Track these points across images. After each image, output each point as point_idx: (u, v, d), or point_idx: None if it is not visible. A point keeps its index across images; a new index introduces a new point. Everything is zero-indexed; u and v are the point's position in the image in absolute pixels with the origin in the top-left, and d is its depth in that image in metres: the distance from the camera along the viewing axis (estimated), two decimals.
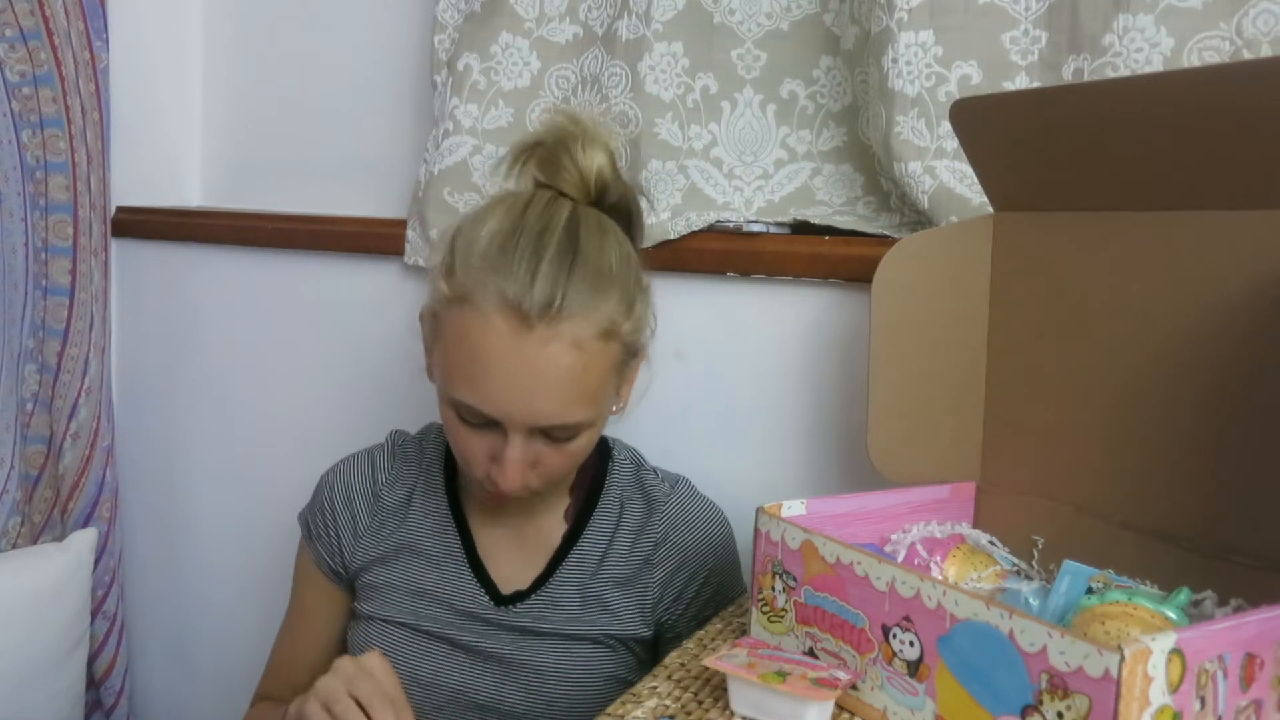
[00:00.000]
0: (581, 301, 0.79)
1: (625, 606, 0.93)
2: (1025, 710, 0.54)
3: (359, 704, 0.75)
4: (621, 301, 0.82)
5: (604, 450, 1.00)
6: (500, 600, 0.93)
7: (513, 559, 0.96)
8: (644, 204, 1.07)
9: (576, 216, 0.83)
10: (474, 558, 0.95)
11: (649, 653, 0.96)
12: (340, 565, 0.99)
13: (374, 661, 0.78)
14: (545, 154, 0.88)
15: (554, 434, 0.83)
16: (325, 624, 1.02)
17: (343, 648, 1.01)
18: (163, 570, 1.58)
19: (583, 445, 0.86)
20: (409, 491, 0.99)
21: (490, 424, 0.82)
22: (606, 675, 0.92)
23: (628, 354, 0.86)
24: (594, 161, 0.86)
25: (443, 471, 0.99)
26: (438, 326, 0.84)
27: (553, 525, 0.96)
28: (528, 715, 0.91)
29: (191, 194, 1.58)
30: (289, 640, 1.05)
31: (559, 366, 0.79)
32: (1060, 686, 0.52)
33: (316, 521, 1.00)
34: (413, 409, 1.11)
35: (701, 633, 0.81)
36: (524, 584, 0.94)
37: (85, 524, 1.48)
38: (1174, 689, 0.51)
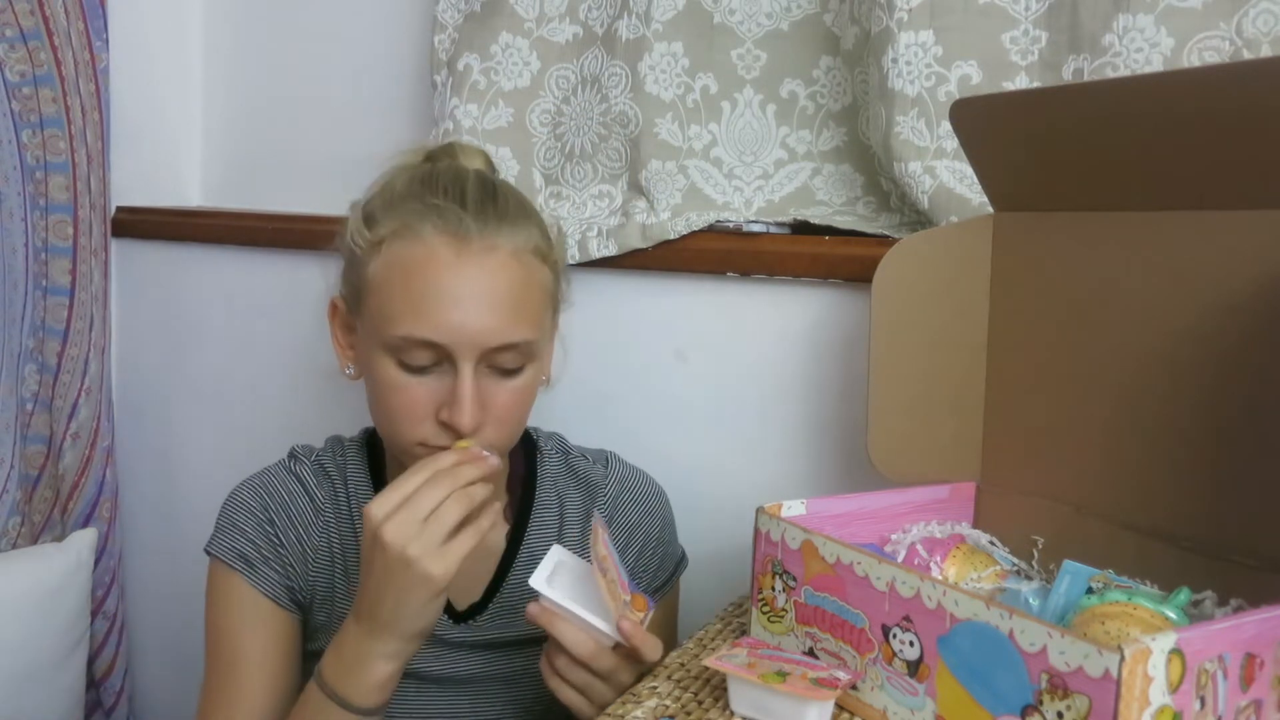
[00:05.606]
0: (512, 220, 0.82)
1: None
2: (1025, 710, 0.54)
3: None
4: (542, 232, 0.85)
5: (528, 441, 0.97)
6: (458, 617, 0.90)
7: (461, 571, 0.83)
8: (644, 204, 1.07)
9: (482, 171, 0.89)
10: None
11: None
12: (298, 587, 0.89)
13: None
14: (429, 164, 0.91)
15: (501, 363, 0.81)
16: (284, 669, 0.88)
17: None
18: (163, 571, 1.58)
19: (526, 385, 0.84)
20: (345, 509, 0.92)
21: (437, 363, 0.80)
22: None
23: (557, 286, 0.87)
24: (473, 163, 0.90)
25: (371, 486, 0.92)
26: (362, 284, 0.83)
27: (494, 528, 0.89)
28: None
29: (191, 194, 1.58)
30: (237, 706, 0.85)
31: (501, 276, 0.80)
32: (1060, 686, 0.52)
33: (259, 547, 0.88)
34: None
35: (701, 632, 0.81)
36: (476, 595, 0.91)
37: (85, 524, 1.48)
38: (1174, 689, 0.51)
